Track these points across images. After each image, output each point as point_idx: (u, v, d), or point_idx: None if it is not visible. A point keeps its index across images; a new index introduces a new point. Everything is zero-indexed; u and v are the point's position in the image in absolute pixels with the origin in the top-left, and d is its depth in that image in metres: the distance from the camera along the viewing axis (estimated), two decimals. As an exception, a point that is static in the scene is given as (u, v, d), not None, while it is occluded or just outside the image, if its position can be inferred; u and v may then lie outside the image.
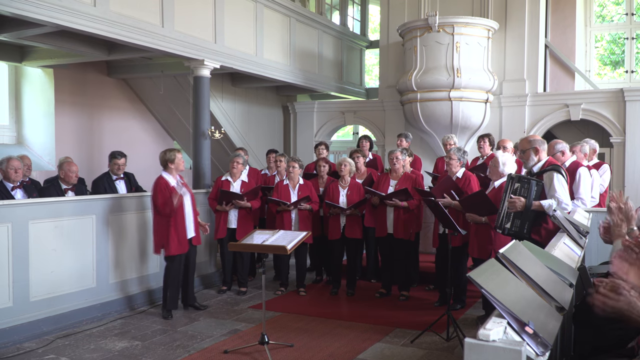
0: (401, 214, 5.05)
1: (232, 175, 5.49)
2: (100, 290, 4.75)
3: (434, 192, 4.68)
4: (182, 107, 8.15)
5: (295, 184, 5.45)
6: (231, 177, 5.49)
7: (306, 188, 5.44)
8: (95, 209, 4.71)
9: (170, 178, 4.65)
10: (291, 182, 5.45)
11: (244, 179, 5.51)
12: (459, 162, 4.78)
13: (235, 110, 8.52)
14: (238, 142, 8.36)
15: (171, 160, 4.65)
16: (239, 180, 5.48)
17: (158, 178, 4.65)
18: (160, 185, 4.59)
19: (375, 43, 10.22)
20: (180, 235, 4.61)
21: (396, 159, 5.17)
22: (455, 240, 4.55)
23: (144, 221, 5.13)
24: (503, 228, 3.73)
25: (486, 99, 7.37)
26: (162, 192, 4.56)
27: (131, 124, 8.42)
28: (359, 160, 5.74)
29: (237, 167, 5.44)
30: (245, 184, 5.48)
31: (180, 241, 4.61)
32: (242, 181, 5.49)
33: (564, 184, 3.62)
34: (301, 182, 5.47)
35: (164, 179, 4.63)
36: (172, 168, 4.65)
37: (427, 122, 7.41)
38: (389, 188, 5.16)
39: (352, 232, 5.29)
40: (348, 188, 5.36)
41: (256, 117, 8.98)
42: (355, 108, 9.00)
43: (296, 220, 5.34)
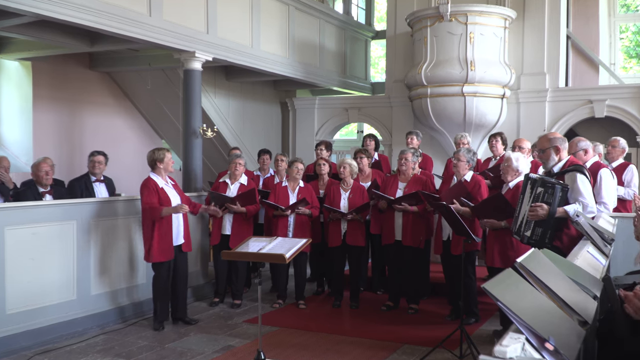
0: (410, 219, 5.05)
1: (231, 177, 5.50)
2: (83, 303, 4.75)
3: (443, 198, 4.68)
4: (171, 103, 8.17)
5: (295, 187, 5.46)
6: (230, 179, 5.50)
7: (306, 191, 5.44)
8: (76, 214, 4.71)
9: (158, 179, 4.66)
10: (291, 184, 5.45)
11: (243, 182, 5.51)
12: (468, 165, 4.76)
13: (229, 106, 8.55)
14: (232, 141, 8.38)
15: (160, 160, 4.66)
16: (237, 183, 5.48)
17: (146, 179, 4.67)
18: (148, 186, 4.61)
19: (381, 34, 10.25)
20: (163, 240, 4.62)
21: (405, 160, 5.17)
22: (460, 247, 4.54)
23: (132, 227, 5.14)
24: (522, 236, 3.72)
25: (503, 94, 7.38)
26: (149, 194, 4.57)
27: (115, 122, 8.45)
28: (363, 162, 5.74)
29: (239, 169, 5.45)
30: (243, 187, 5.48)
31: (163, 247, 4.62)
32: (241, 184, 5.49)
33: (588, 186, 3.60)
34: (301, 184, 5.48)
35: (152, 180, 4.65)
36: (161, 168, 4.66)
37: (438, 119, 7.42)
38: (397, 191, 5.17)
39: (353, 239, 5.29)
40: (350, 191, 5.36)
41: (252, 114, 8.99)
42: (360, 104, 9.02)
43: (293, 225, 5.35)
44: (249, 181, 5.60)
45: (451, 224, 4.54)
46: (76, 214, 4.71)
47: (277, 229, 5.29)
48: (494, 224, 4.22)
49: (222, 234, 5.40)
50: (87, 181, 5.29)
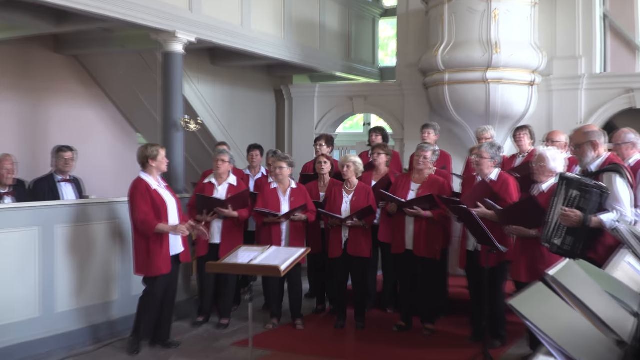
0: (424, 226, 5.07)
1: (217, 177, 5.50)
2: (48, 321, 4.76)
3: (464, 201, 4.68)
4: (149, 91, 8.18)
5: (285, 189, 5.45)
6: (216, 179, 5.50)
7: (300, 193, 5.45)
8: (40, 219, 4.73)
9: (150, 180, 4.68)
10: (280, 186, 5.45)
11: (232, 182, 5.52)
12: (492, 162, 4.73)
13: (216, 95, 8.57)
14: (219, 135, 8.40)
15: (153, 157, 4.68)
16: (226, 183, 5.49)
17: (136, 181, 4.67)
18: (140, 189, 4.60)
19: (391, 11, 10.27)
20: (162, 250, 4.64)
21: (424, 158, 5.18)
22: (490, 259, 4.52)
23: (106, 234, 5.17)
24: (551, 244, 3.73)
25: (531, 80, 7.40)
26: (143, 201, 4.56)
27: (84, 113, 8.46)
28: (380, 159, 5.75)
29: (222, 167, 5.43)
30: (233, 188, 5.48)
31: (161, 258, 4.63)
32: (230, 185, 5.49)
33: (626, 191, 3.60)
34: (293, 185, 5.48)
35: (144, 181, 4.65)
36: (154, 167, 4.68)
37: (457, 109, 7.44)
38: (410, 193, 5.18)
39: (355, 248, 5.29)
40: (354, 193, 5.37)
41: (242, 103, 9.02)
42: (367, 92, 9.04)
43: (286, 233, 5.36)
44: (239, 181, 5.61)
45: (473, 231, 4.55)
46: (40, 219, 4.72)
47: (269, 238, 5.30)
48: (522, 232, 4.20)
49: (210, 243, 5.40)
50: (52, 181, 5.30)
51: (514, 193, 4.68)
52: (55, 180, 5.32)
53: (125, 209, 4.89)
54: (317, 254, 5.66)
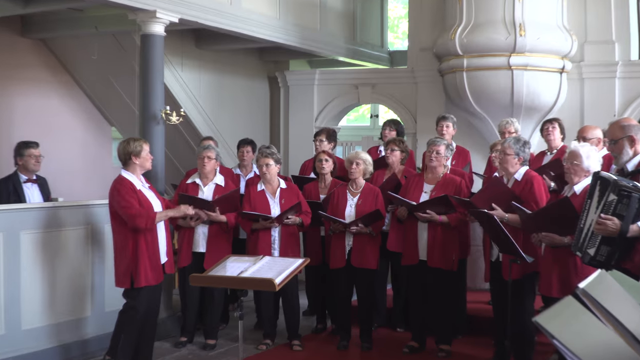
0: (439, 233, 5.09)
1: (201, 177, 5.53)
2: (12, 340, 4.79)
3: (476, 202, 4.70)
4: (125, 79, 8.21)
5: (274, 190, 5.46)
6: (200, 179, 5.53)
7: (291, 193, 5.45)
8: (3, 224, 4.75)
9: (134, 179, 4.71)
10: (268, 186, 5.46)
11: (219, 183, 5.55)
12: (517, 159, 4.73)
13: (201, 83, 8.59)
14: (204, 128, 8.42)
15: (136, 154, 4.71)
16: (212, 183, 5.52)
17: (118, 179, 4.70)
18: (125, 187, 4.63)
19: (402, -13, 10.31)
20: (152, 257, 4.67)
21: (437, 154, 5.20)
22: (514, 271, 4.53)
23: (82, 241, 5.19)
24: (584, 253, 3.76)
25: (561, 67, 7.42)
26: (130, 196, 4.58)
27: (51, 102, 8.48)
28: (394, 155, 5.74)
29: (208, 165, 5.46)
30: (220, 189, 5.50)
31: (152, 267, 4.65)
32: (217, 185, 5.52)
33: None
34: (283, 185, 5.49)
35: (127, 180, 4.68)
36: (137, 165, 4.72)
37: (477, 100, 7.46)
38: (422, 195, 5.21)
39: (360, 258, 5.30)
40: (360, 195, 5.39)
41: (231, 92, 9.03)
42: (375, 80, 9.05)
43: (278, 240, 5.36)
44: (227, 181, 5.63)
45: (494, 238, 4.57)
46: (4, 225, 4.75)
47: (257, 246, 5.29)
48: (554, 240, 4.19)
49: (194, 251, 5.42)
50: (17, 182, 5.33)
51: (541, 194, 4.64)
52: (20, 181, 5.34)
53: (101, 212, 4.93)
54: (316, 266, 5.66)
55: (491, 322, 5.10)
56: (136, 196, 4.62)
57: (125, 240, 4.63)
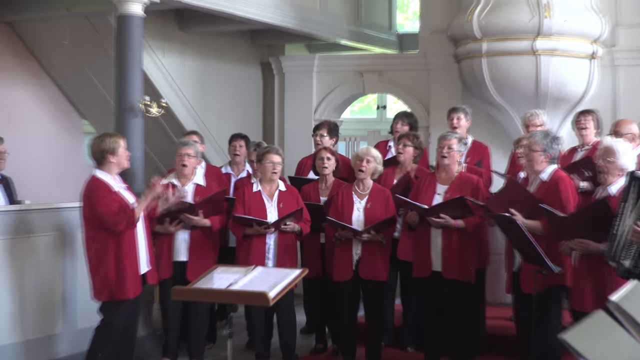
0: (455, 240, 5.12)
1: (179, 177, 5.57)
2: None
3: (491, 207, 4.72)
4: (99, 66, 8.22)
5: (272, 192, 5.47)
6: (178, 178, 5.57)
7: (291, 197, 5.48)
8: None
9: (109, 179, 4.75)
10: (266, 187, 5.48)
11: (200, 182, 5.59)
12: (545, 156, 4.76)
13: (185, 70, 8.60)
14: (188, 121, 8.43)
15: (111, 151, 4.75)
16: (191, 184, 5.56)
17: (92, 180, 4.73)
18: (100, 189, 4.66)
19: (412, -39, 10.34)
20: (132, 266, 4.71)
21: (448, 149, 5.23)
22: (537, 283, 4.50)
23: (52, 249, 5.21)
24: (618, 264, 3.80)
25: (592, 52, 7.44)
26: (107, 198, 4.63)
27: (16, 93, 8.47)
28: (407, 152, 5.76)
29: (187, 163, 5.50)
30: (201, 189, 5.54)
31: (131, 276, 4.70)
32: (197, 185, 5.56)
33: None
34: (282, 187, 5.51)
35: (102, 181, 4.72)
36: (113, 164, 4.76)
37: (498, 89, 7.48)
38: (435, 197, 5.24)
39: (370, 269, 5.33)
40: (369, 197, 5.41)
41: (219, 81, 9.04)
42: (382, 66, 9.06)
43: (274, 249, 5.38)
44: (208, 181, 5.67)
45: (517, 246, 4.61)
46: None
47: (250, 255, 5.31)
48: (588, 247, 4.20)
49: (174, 260, 5.45)
50: (-22, 182, 5.38)
51: (568, 197, 4.65)
52: (-20, 181, 5.39)
53: (73, 216, 4.96)
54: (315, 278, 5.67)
55: (513, 340, 5.15)
56: (116, 199, 4.67)
57: (104, 248, 4.66)
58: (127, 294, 4.67)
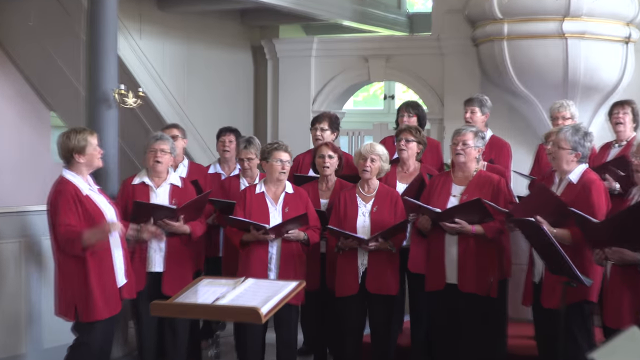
0: (472, 248, 5.14)
1: (152, 175, 5.57)
2: None
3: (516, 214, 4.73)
4: (68, 51, 8.22)
5: (278, 195, 5.47)
6: (151, 177, 5.57)
7: (299, 201, 5.47)
8: None
9: (79, 181, 4.76)
10: (271, 189, 5.47)
11: (176, 183, 5.59)
12: (575, 155, 4.78)
13: (165, 54, 8.61)
14: (170, 113, 8.46)
15: (79, 150, 4.74)
16: (166, 184, 5.56)
17: (59, 182, 4.73)
18: (66, 195, 4.66)
19: None
20: (105, 283, 4.71)
21: (463, 145, 5.24)
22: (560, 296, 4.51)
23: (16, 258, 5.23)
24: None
25: (626, 36, 7.45)
26: (67, 210, 4.62)
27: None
28: (409, 148, 5.76)
29: (161, 160, 5.48)
30: (178, 191, 5.55)
31: (108, 295, 4.70)
32: (173, 186, 5.57)
33: None
34: (289, 188, 5.51)
35: (71, 183, 4.72)
36: (82, 164, 4.76)
37: (521, 76, 7.50)
38: (450, 199, 5.25)
39: (379, 282, 5.33)
40: (375, 200, 5.42)
41: (203, 67, 9.05)
42: (390, 50, 9.08)
43: (276, 258, 5.38)
44: (185, 181, 5.68)
45: (542, 255, 4.62)
46: None
47: (249, 266, 5.30)
48: (624, 256, 4.19)
49: (149, 271, 5.45)
50: None
51: (599, 202, 4.69)
52: None
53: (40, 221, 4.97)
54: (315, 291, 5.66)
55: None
56: (81, 206, 4.66)
57: (70, 263, 4.67)
58: (95, 315, 4.67)
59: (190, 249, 5.58)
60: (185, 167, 6.43)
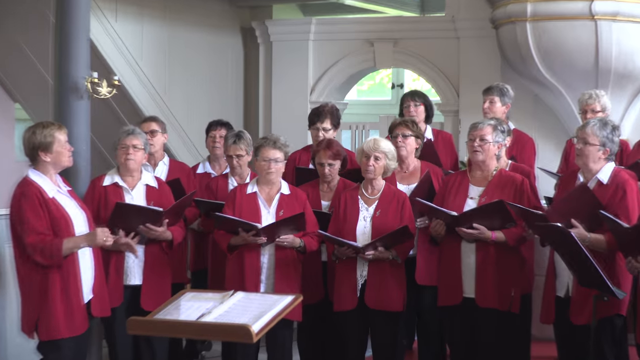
0: (492, 257, 5.15)
1: (124, 175, 5.59)
2: None
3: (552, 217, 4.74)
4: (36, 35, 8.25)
5: (272, 195, 5.48)
6: (123, 177, 5.58)
7: (296, 203, 5.46)
8: None
9: (45, 182, 4.77)
10: (264, 190, 5.46)
11: (151, 183, 5.61)
12: (603, 151, 4.82)
13: (143, 39, 8.62)
14: (148, 104, 8.50)
15: (44, 148, 4.75)
16: (141, 184, 5.58)
17: (22, 184, 4.75)
18: (30, 198, 4.67)
19: None
20: (71, 299, 4.71)
21: (480, 141, 5.25)
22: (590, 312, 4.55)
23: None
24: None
25: (662, 18, 7.51)
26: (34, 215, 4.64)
27: None
28: (407, 144, 5.78)
29: (133, 158, 5.50)
30: (154, 192, 5.58)
31: (72, 311, 4.71)
32: (148, 187, 5.59)
33: None
34: (285, 189, 5.50)
35: (35, 184, 4.74)
36: (48, 163, 4.78)
37: (546, 63, 7.52)
38: (467, 202, 5.28)
39: (380, 296, 5.32)
40: (378, 202, 5.42)
41: (187, 52, 9.06)
42: (398, 33, 9.10)
43: (269, 267, 5.38)
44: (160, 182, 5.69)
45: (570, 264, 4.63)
46: None
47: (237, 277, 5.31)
48: None
49: (126, 284, 5.47)
50: None
51: (633, 207, 4.71)
52: None
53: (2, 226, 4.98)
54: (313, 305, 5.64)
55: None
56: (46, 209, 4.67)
57: (29, 274, 4.67)
58: (56, 333, 4.67)
59: (170, 257, 5.59)
60: (165, 165, 6.42)
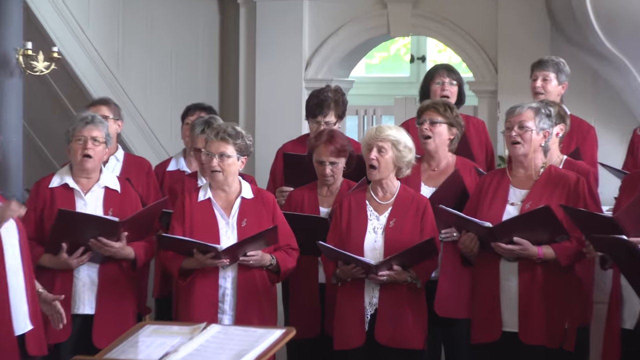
0: (538, 280, 5.20)
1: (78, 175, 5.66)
2: None
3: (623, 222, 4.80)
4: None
5: (230, 201, 5.47)
6: (76, 177, 5.66)
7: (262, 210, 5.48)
8: None
9: None
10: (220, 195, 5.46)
11: (112, 186, 5.70)
12: None
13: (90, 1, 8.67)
14: (97, 83, 8.58)
15: None
16: (99, 187, 5.67)
17: None
18: None
19: None
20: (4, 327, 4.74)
21: (519, 128, 5.24)
22: None
23: None
24: None
25: None
26: None
27: None
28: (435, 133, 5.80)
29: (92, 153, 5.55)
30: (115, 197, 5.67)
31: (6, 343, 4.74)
32: (108, 190, 5.68)
33: None
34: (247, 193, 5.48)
35: None
36: None
37: (609, 31, 7.59)
38: (506, 209, 5.33)
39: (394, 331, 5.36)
40: (392, 209, 5.47)
41: (147, 19, 9.14)
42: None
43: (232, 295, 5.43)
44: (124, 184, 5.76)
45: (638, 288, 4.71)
46: None
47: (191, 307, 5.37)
48: None
49: (74, 314, 5.54)
50: None
51: None
52: None
53: None
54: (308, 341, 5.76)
55: None
56: None
57: None
58: None
59: (132, 282, 5.68)
60: (119, 161, 6.49)
